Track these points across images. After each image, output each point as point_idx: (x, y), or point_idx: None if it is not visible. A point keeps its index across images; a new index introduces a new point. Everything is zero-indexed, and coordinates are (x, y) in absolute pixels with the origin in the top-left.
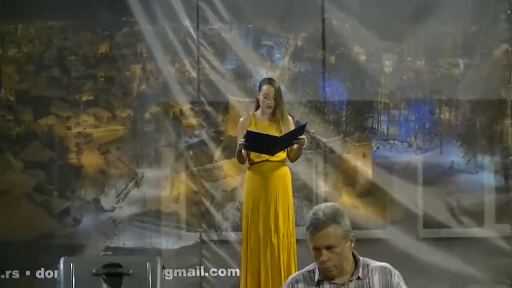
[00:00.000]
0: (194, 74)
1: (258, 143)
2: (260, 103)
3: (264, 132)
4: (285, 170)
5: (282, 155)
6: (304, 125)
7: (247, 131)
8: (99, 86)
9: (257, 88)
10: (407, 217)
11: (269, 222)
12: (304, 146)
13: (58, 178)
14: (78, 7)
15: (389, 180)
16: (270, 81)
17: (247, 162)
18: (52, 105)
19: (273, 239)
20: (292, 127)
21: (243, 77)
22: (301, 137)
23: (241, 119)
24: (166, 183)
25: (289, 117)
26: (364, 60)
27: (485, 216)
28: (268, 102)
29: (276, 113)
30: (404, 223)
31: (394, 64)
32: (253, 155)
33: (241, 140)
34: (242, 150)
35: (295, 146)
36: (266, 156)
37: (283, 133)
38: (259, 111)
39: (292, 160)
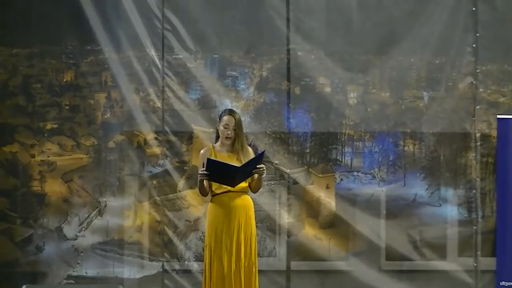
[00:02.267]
0: (158, 104)
1: (219, 172)
2: (220, 134)
3: (223, 161)
4: (248, 201)
5: (243, 185)
6: (262, 153)
7: (208, 159)
8: (63, 114)
9: (218, 119)
10: (369, 249)
11: (231, 253)
12: (263, 176)
13: (21, 205)
14: (44, 35)
15: (352, 212)
16: (230, 111)
17: (209, 194)
18: (16, 133)
19: (235, 270)
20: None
21: (208, 107)
22: (260, 166)
23: (201, 151)
24: (129, 212)
25: (249, 148)
26: (329, 92)
27: (448, 249)
28: (228, 132)
29: (235, 144)
30: (367, 255)
31: (359, 96)
32: (215, 186)
33: (202, 170)
34: (204, 181)
35: (256, 176)
36: (228, 187)
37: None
38: (218, 143)
39: (254, 191)
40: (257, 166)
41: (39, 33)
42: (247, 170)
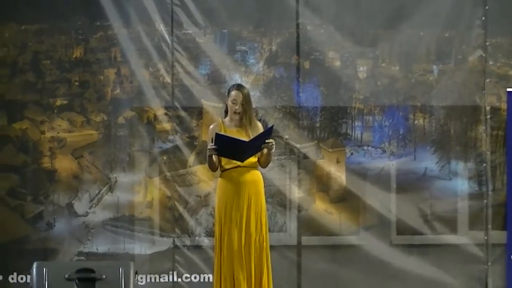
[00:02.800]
0: (168, 79)
1: (227, 147)
2: (228, 109)
3: (232, 136)
4: (257, 176)
5: (253, 160)
6: (271, 128)
7: (216, 133)
8: (73, 90)
9: (226, 94)
10: (380, 223)
11: (241, 228)
12: (272, 151)
13: (31, 182)
14: (53, 11)
15: (362, 186)
16: (238, 87)
17: (219, 169)
18: (26, 109)
19: (245, 244)
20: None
21: (217, 82)
22: (268, 140)
23: (210, 126)
24: (140, 188)
25: (258, 123)
26: (338, 66)
27: (459, 222)
28: (236, 107)
29: (243, 119)
30: (377, 229)
31: (369, 70)
32: (224, 161)
33: (210, 145)
34: (213, 156)
35: (265, 151)
36: (238, 162)
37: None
38: (227, 118)
39: (263, 166)
40: (266, 141)
41: (48, 9)
42: (256, 144)
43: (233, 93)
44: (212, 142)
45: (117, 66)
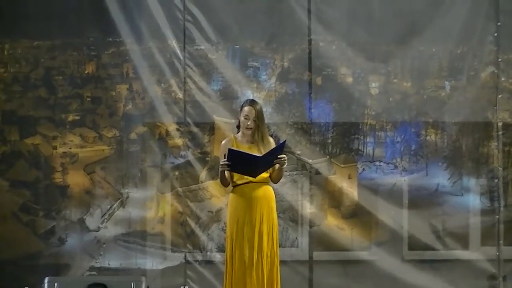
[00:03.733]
0: (180, 95)
1: (240, 163)
2: (241, 124)
3: (244, 151)
4: (269, 191)
5: (265, 175)
6: (283, 143)
7: (229, 149)
8: (85, 106)
9: (239, 109)
10: (392, 238)
11: (253, 243)
12: (284, 166)
13: (43, 197)
14: (65, 27)
15: (374, 201)
16: (251, 102)
17: (230, 184)
18: (38, 125)
19: (257, 260)
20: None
21: (229, 98)
22: (281, 156)
23: (222, 142)
24: (152, 204)
25: (271, 139)
26: (350, 82)
27: (470, 238)
28: (248, 123)
29: (255, 135)
30: (389, 245)
31: (381, 86)
32: (236, 177)
33: (223, 161)
34: (226, 172)
35: (277, 166)
36: (250, 178)
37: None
38: (239, 134)
39: (275, 181)
40: (279, 156)
41: (61, 25)
42: (269, 160)
43: (246, 108)
44: (224, 158)
45: (129, 82)
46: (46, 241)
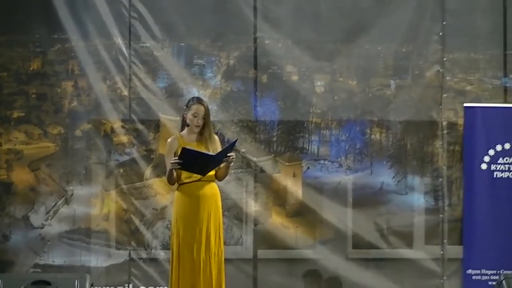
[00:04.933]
0: (125, 92)
1: (193, 162)
2: (189, 122)
3: (200, 150)
4: (215, 189)
5: (211, 173)
6: (235, 142)
7: (183, 148)
8: (30, 102)
9: (185, 106)
10: (336, 237)
11: (201, 242)
12: (231, 164)
13: None
14: (11, 23)
15: (319, 200)
16: (199, 100)
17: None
18: None
19: (205, 258)
20: (219, 146)
21: (175, 96)
22: (230, 154)
23: (168, 140)
24: (96, 201)
25: (216, 137)
26: (296, 80)
27: (415, 237)
28: (198, 121)
29: (204, 132)
30: (334, 243)
31: (326, 84)
32: (184, 175)
33: (173, 159)
34: (174, 170)
35: (223, 164)
36: (198, 176)
37: (212, 152)
38: (185, 131)
39: (220, 179)
40: (228, 154)
41: (6, 22)
42: (219, 158)
43: (194, 106)
44: (174, 156)
45: (74, 78)
46: None
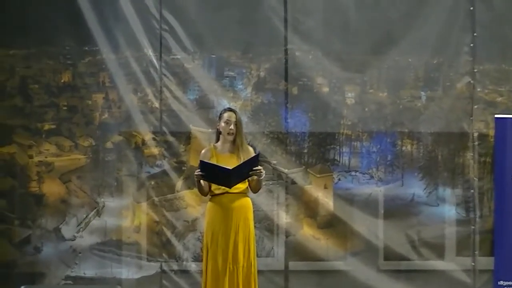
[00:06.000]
0: (156, 104)
1: (213, 174)
2: (222, 131)
3: (215, 163)
4: (247, 202)
5: (242, 186)
6: (258, 155)
7: (200, 161)
8: (61, 114)
9: (217, 118)
10: (367, 249)
11: (228, 254)
12: (261, 178)
13: (19, 206)
14: (41, 35)
15: (350, 211)
16: (230, 108)
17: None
18: (14, 134)
19: (232, 270)
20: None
21: (206, 108)
22: (256, 168)
23: (202, 151)
24: (128, 213)
25: (250, 148)
26: (326, 92)
27: (446, 248)
28: (231, 127)
29: (236, 141)
30: (365, 255)
31: (357, 96)
32: (214, 187)
33: (197, 171)
34: (202, 182)
35: (255, 177)
36: (226, 188)
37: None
38: (219, 143)
39: (254, 192)
40: (254, 168)
41: (37, 34)
42: (243, 172)
43: (225, 114)
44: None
45: (105, 91)
46: (21, 249)
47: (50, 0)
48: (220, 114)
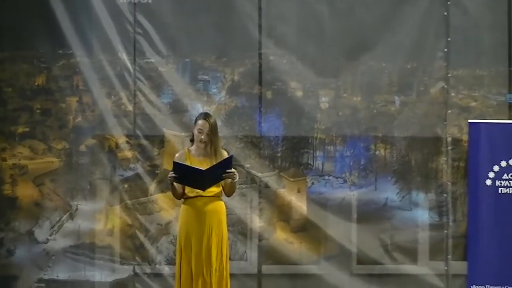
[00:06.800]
0: (130, 108)
1: (187, 176)
2: (195, 137)
3: (189, 164)
4: (220, 205)
5: (216, 190)
6: (230, 157)
7: (174, 162)
8: (35, 118)
9: (193, 122)
10: (341, 253)
11: (201, 257)
12: (235, 180)
13: None
14: (15, 39)
15: (323, 216)
16: (205, 116)
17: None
18: None
19: (205, 273)
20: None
21: (179, 111)
22: (230, 170)
23: (176, 155)
24: (101, 216)
25: (224, 152)
26: (300, 96)
27: (419, 253)
28: (202, 137)
29: (208, 148)
30: (338, 259)
31: (331, 100)
32: (187, 190)
33: (171, 173)
34: (176, 184)
35: (229, 180)
36: (200, 192)
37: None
38: (194, 146)
39: (228, 195)
40: (228, 171)
41: (11, 37)
42: (216, 174)
43: (199, 122)
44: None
45: (79, 94)
46: None
47: (24, 4)
48: (196, 119)
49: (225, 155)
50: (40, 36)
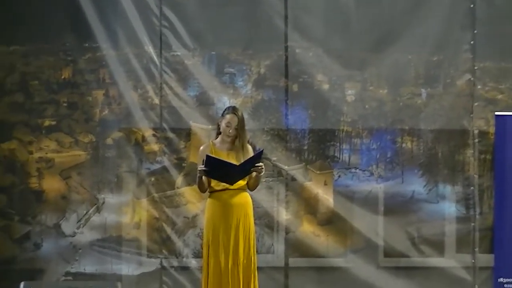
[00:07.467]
0: (156, 101)
1: (217, 170)
2: (221, 131)
3: (222, 159)
4: (246, 198)
5: (241, 183)
6: (261, 152)
7: (207, 155)
8: (61, 111)
9: (221, 115)
10: (367, 245)
11: (229, 250)
12: (261, 174)
13: (19, 202)
14: (41, 32)
15: (350, 208)
16: (234, 110)
17: (208, 190)
18: (14, 130)
19: (233, 266)
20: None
21: (206, 104)
22: (258, 164)
23: (201, 147)
24: (128, 209)
25: (249, 147)
26: (327, 89)
27: (446, 245)
28: (230, 131)
29: (236, 142)
30: (365, 252)
31: (357, 93)
32: (213, 183)
33: (201, 166)
34: (203, 177)
35: (253, 174)
36: (226, 185)
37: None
38: (218, 139)
39: (251, 189)
40: (256, 165)
41: (37, 31)
42: (246, 168)
43: (228, 116)
44: (202, 163)
45: (105, 87)
46: (21, 246)
47: None
48: (223, 112)
49: (250, 149)
50: (66, 29)
